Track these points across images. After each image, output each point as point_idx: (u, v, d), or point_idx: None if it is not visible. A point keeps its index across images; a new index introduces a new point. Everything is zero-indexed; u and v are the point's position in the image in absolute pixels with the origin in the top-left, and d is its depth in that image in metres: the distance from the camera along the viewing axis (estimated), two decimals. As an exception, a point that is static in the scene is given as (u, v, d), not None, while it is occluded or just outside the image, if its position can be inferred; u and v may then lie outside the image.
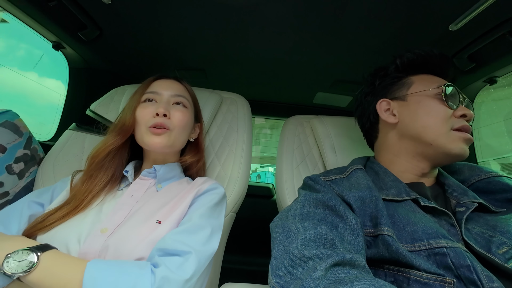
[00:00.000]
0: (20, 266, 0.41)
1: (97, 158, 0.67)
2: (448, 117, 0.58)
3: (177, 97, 0.72)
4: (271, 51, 1.05)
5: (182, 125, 0.70)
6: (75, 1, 0.84)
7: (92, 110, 0.97)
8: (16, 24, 0.92)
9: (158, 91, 0.71)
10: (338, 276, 0.37)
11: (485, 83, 1.10)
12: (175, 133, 0.69)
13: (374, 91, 0.71)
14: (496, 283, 0.39)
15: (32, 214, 0.60)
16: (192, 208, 0.61)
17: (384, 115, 0.66)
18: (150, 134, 0.66)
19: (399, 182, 0.58)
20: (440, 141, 0.57)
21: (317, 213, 0.50)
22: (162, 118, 0.66)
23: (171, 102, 0.71)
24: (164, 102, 0.69)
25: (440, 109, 0.59)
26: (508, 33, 0.78)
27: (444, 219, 0.51)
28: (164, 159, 0.73)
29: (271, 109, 1.64)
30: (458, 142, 0.56)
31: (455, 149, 0.56)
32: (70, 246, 0.52)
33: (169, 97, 0.71)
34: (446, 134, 0.57)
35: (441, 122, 0.58)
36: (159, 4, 0.83)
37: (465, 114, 0.58)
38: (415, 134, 0.60)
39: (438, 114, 0.59)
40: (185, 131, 0.73)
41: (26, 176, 0.82)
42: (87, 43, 1.04)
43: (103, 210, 0.60)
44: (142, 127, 0.67)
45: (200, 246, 0.52)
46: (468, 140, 0.57)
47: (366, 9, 0.78)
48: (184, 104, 0.73)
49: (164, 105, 0.67)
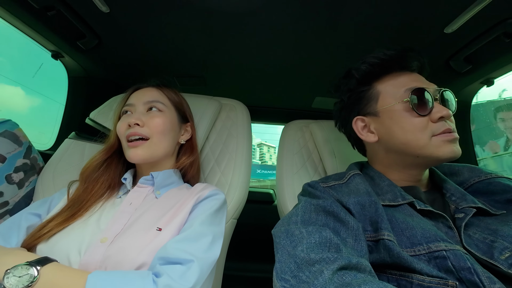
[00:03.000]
0: (21, 282, 0.41)
1: (85, 174, 0.69)
2: (425, 126, 0.55)
3: (150, 103, 0.71)
4: (270, 57, 1.06)
5: (160, 130, 0.68)
6: (74, 11, 0.85)
7: (92, 119, 0.97)
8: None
9: (132, 102, 0.71)
10: (345, 279, 0.37)
11: (482, 85, 1.10)
12: (155, 140, 0.68)
13: (345, 105, 0.69)
14: (498, 285, 0.39)
15: (30, 225, 0.60)
16: (192, 214, 0.61)
17: (363, 134, 0.65)
18: (129, 147, 0.66)
19: (394, 187, 0.58)
20: (426, 151, 0.55)
21: (318, 219, 0.50)
22: (134, 128, 0.66)
23: (145, 110, 0.71)
24: (137, 112, 0.69)
25: (414, 122, 0.56)
26: (503, 34, 0.79)
27: (441, 222, 0.51)
28: (158, 165, 0.72)
29: (270, 114, 1.65)
30: (444, 146, 0.54)
31: (444, 154, 0.54)
32: (71, 258, 0.51)
33: (142, 105, 0.71)
34: (429, 144, 0.55)
35: (420, 134, 0.55)
36: (157, 12, 0.83)
37: (442, 116, 0.55)
38: (399, 150, 0.59)
39: (414, 127, 0.56)
40: (167, 135, 0.71)
41: (26, 186, 0.82)
42: (86, 52, 1.05)
43: (102, 219, 0.60)
44: (123, 141, 0.68)
45: (202, 254, 0.52)
46: (454, 139, 0.54)
47: (362, 15, 0.79)
48: (159, 108, 0.71)
49: (136, 115, 0.68)
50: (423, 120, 0.55)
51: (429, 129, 0.55)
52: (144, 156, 0.66)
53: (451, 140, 0.54)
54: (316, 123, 1.02)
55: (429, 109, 0.55)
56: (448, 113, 0.54)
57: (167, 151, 0.72)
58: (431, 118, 0.55)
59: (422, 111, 0.55)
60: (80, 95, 1.27)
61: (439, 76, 1.08)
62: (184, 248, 0.51)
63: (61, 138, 1.14)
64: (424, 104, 0.55)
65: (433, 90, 0.57)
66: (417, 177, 0.61)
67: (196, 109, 0.91)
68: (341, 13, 0.78)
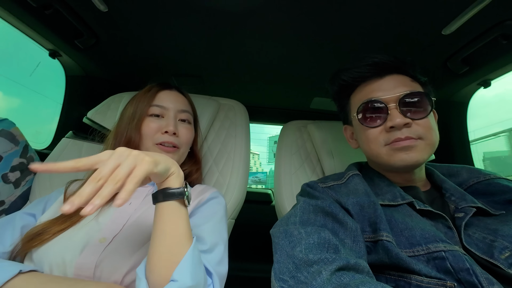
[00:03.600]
0: None
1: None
2: (376, 137, 0.58)
3: (183, 113, 0.73)
4: (268, 57, 1.06)
5: (189, 142, 0.73)
6: (72, 9, 0.84)
7: (89, 118, 0.97)
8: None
9: (165, 106, 0.70)
10: (343, 280, 0.37)
11: (479, 86, 1.11)
12: (183, 150, 0.71)
13: (339, 110, 0.74)
14: (496, 286, 0.39)
15: (24, 225, 0.59)
16: (198, 219, 0.58)
17: (350, 141, 0.71)
18: (158, 150, 0.66)
19: (394, 187, 0.58)
20: (381, 160, 0.58)
21: (317, 219, 0.50)
22: (171, 137, 0.67)
23: (177, 118, 0.71)
24: (171, 118, 0.69)
25: (367, 133, 0.59)
26: (501, 36, 0.80)
27: (440, 222, 0.51)
28: None
29: (269, 114, 1.65)
30: (394, 155, 0.55)
31: (395, 162, 0.55)
32: (66, 258, 0.50)
33: (176, 112, 0.71)
34: (382, 153, 0.57)
35: (372, 144, 0.58)
36: (155, 11, 0.83)
37: (392, 126, 0.55)
38: (369, 158, 0.66)
39: (367, 138, 0.59)
40: (189, 146, 0.75)
41: (22, 185, 0.81)
42: (83, 50, 1.04)
43: (100, 219, 0.59)
44: (148, 142, 0.67)
45: (216, 267, 0.51)
46: (405, 148, 0.54)
47: (361, 15, 0.79)
48: (189, 121, 0.75)
49: (173, 123, 0.68)
50: (375, 131, 0.58)
51: (381, 139, 0.57)
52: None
53: (400, 148, 0.54)
54: (314, 123, 1.02)
55: (383, 119, 0.56)
56: (399, 122, 0.54)
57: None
58: (385, 127, 0.56)
59: (371, 123, 0.58)
60: (78, 94, 1.26)
61: (437, 78, 1.08)
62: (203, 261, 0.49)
63: (58, 137, 1.13)
64: (373, 116, 0.58)
65: (389, 97, 0.56)
66: (406, 179, 0.61)
67: (195, 109, 0.91)
68: (339, 14, 0.78)
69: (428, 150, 0.55)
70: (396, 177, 0.62)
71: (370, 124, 0.58)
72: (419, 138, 0.54)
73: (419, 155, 0.54)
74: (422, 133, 0.55)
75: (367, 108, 0.58)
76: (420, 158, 0.54)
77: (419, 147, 0.54)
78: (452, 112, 1.25)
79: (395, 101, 0.56)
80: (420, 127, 0.55)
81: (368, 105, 0.58)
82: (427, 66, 1.01)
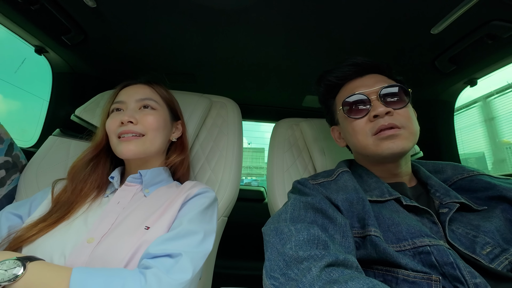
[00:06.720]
0: (7, 275, 0.41)
1: (72, 172, 0.67)
2: (363, 128, 0.60)
3: (143, 100, 0.71)
4: (260, 55, 1.06)
5: (155, 127, 0.69)
6: (59, 5, 0.82)
7: (77, 115, 0.95)
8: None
9: (123, 100, 0.70)
10: (332, 276, 0.37)
11: (466, 85, 1.14)
12: (150, 136, 0.68)
13: (326, 113, 0.78)
14: (479, 279, 0.41)
15: (10, 224, 0.58)
16: (181, 213, 0.60)
17: (337, 141, 0.75)
18: (120, 142, 0.65)
19: (382, 183, 0.60)
20: (369, 151, 0.60)
21: (307, 216, 0.51)
22: (127, 126, 0.66)
23: (138, 108, 0.70)
24: (129, 109, 0.69)
25: (353, 125, 0.62)
26: (486, 35, 0.82)
27: (426, 217, 0.53)
28: (147, 163, 0.71)
29: (261, 112, 1.65)
30: (381, 144, 0.58)
31: (383, 151, 0.57)
32: (55, 258, 0.50)
33: (134, 103, 0.70)
34: (369, 143, 0.59)
35: (361, 134, 0.61)
36: (145, 8, 0.82)
37: (376, 115, 0.58)
38: (356, 151, 0.68)
39: (354, 130, 0.62)
40: (161, 133, 0.71)
41: (8, 184, 0.79)
42: (71, 47, 1.02)
43: (89, 219, 0.59)
44: (113, 138, 0.67)
45: (193, 248, 0.52)
46: (391, 136, 0.57)
47: (351, 14, 0.79)
48: (152, 106, 0.71)
49: (129, 113, 0.67)
50: (361, 122, 0.61)
51: (367, 129, 0.60)
52: (137, 151, 0.65)
53: (386, 137, 0.57)
54: (306, 121, 1.02)
55: (366, 110, 0.60)
56: (381, 110, 0.58)
57: (160, 148, 0.72)
58: (369, 118, 0.60)
59: (356, 115, 0.61)
60: (65, 91, 1.23)
61: (425, 77, 1.10)
62: (172, 244, 0.50)
63: (45, 135, 1.10)
64: (357, 107, 0.62)
65: (371, 91, 0.61)
66: (392, 172, 0.63)
67: (186, 106, 0.90)
68: (331, 12, 0.79)
69: (411, 139, 0.58)
70: (384, 171, 0.63)
71: (356, 115, 0.62)
72: (402, 127, 0.57)
73: (404, 142, 0.57)
74: (404, 122, 0.58)
75: (351, 102, 0.63)
76: (406, 146, 0.57)
77: (403, 135, 0.57)
78: (439, 110, 1.28)
79: (376, 93, 0.60)
80: (400, 116, 0.58)
81: (352, 98, 0.62)
82: (415, 65, 1.03)
